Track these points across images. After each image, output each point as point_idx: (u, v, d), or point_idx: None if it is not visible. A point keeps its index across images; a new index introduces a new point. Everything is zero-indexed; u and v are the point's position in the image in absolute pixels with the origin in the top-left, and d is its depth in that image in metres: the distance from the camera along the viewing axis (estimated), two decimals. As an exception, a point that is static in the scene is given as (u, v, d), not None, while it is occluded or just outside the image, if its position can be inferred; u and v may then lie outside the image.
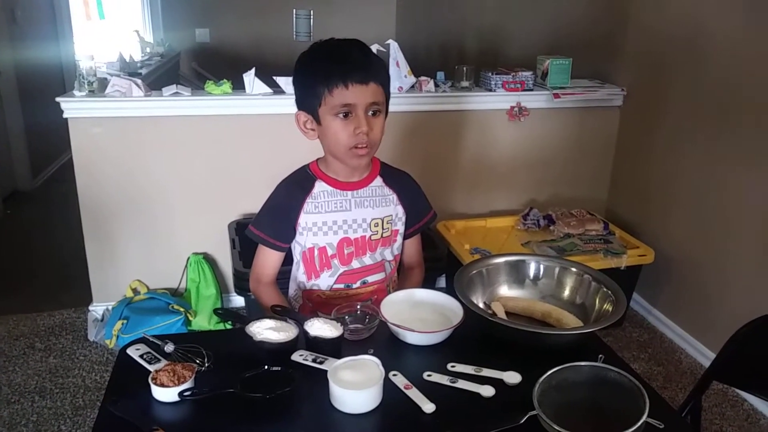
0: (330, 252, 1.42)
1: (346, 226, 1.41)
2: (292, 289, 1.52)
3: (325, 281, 1.45)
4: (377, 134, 1.32)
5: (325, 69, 1.29)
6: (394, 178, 1.47)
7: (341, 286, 1.45)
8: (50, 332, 2.60)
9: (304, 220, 1.40)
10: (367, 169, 1.43)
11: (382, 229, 1.44)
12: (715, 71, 2.37)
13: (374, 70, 1.31)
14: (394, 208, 1.45)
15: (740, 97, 2.27)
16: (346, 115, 1.29)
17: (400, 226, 1.47)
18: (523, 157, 2.91)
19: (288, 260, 1.49)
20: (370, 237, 1.43)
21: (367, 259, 1.44)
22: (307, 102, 1.33)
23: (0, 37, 3.91)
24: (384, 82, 1.33)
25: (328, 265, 1.43)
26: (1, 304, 2.79)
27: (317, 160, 1.45)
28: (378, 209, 1.43)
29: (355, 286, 1.45)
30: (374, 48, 1.47)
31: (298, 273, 1.47)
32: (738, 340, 1.33)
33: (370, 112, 1.31)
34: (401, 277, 1.57)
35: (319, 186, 1.40)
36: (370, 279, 1.46)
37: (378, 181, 1.44)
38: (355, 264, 1.44)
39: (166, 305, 2.53)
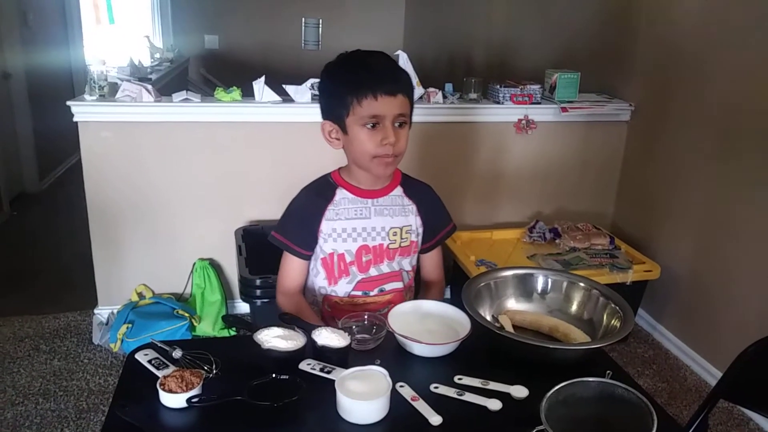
0: (348, 259, 1.43)
1: (365, 233, 1.42)
2: (308, 297, 1.53)
3: (342, 288, 1.46)
4: (402, 145, 1.34)
5: (355, 80, 1.30)
6: (414, 189, 1.48)
7: (358, 293, 1.46)
8: (55, 334, 2.60)
9: (326, 226, 1.41)
10: (388, 179, 1.44)
11: (401, 238, 1.45)
12: (723, 88, 2.38)
13: (402, 81, 1.33)
14: (414, 218, 1.46)
15: (747, 114, 2.27)
16: (373, 126, 1.31)
17: (417, 238, 1.48)
18: (529, 170, 2.91)
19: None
20: (388, 245, 1.44)
21: (385, 268, 1.46)
22: (335, 112, 1.35)
23: (12, 40, 3.95)
24: (410, 93, 1.35)
25: (346, 272, 1.44)
26: (7, 306, 2.80)
27: (339, 169, 1.46)
28: (397, 218, 1.44)
29: (372, 293, 1.46)
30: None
31: (317, 279, 1.48)
32: (746, 358, 1.33)
33: (397, 124, 1.32)
34: (421, 292, 1.57)
35: (341, 194, 1.42)
36: (387, 287, 1.47)
37: (398, 190, 1.46)
38: (373, 272, 1.45)
39: (171, 310, 2.53)
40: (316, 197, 1.43)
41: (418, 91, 2.67)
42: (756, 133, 2.24)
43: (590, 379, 1.03)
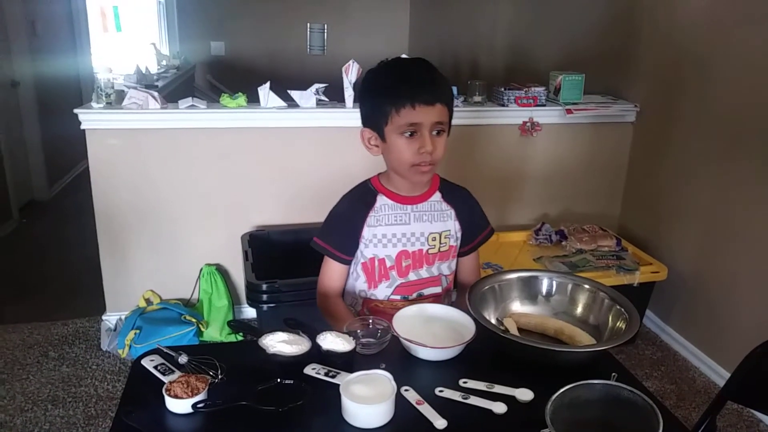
0: (389, 264, 1.44)
1: (404, 239, 1.44)
2: (347, 299, 1.54)
3: (382, 292, 1.47)
4: (440, 153, 1.35)
5: (393, 89, 1.32)
6: (452, 194, 1.49)
7: (398, 297, 1.47)
8: (63, 341, 2.62)
9: (367, 232, 1.43)
10: (427, 185, 1.46)
11: (440, 243, 1.46)
12: (729, 88, 2.37)
13: (440, 90, 1.34)
14: (452, 223, 1.47)
15: (753, 114, 2.26)
16: (411, 134, 1.32)
17: (456, 243, 1.49)
18: (535, 172, 2.91)
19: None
20: (427, 251, 1.45)
21: (424, 272, 1.46)
22: (373, 120, 1.36)
23: (20, 49, 3.99)
24: (449, 101, 1.36)
25: (386, 277, 1.45)
26: (16, 313, 2.82)
27: (378, 175, 1.48)
28: (436, 224, 1.45)
29: (411, 297, 1.47)
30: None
31: (357, 283, 1.49)
32: (753, 359, 1.32)
33: (434, 132, 1.33)
34: (457, 296, 1.57)
35: (381, 200, 1.44)
36: (426, 292, 1.48)
37: (437, 196, 1.47)
38: (412, 276, 1.46)
39: (179, 316, 2.54)
40: (357, 204, 1.45)
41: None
42: (762, 132, 2.23)
43: (595, 381, 1.03)
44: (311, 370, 1.13)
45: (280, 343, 1.16)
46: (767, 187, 2.22)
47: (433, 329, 1.27)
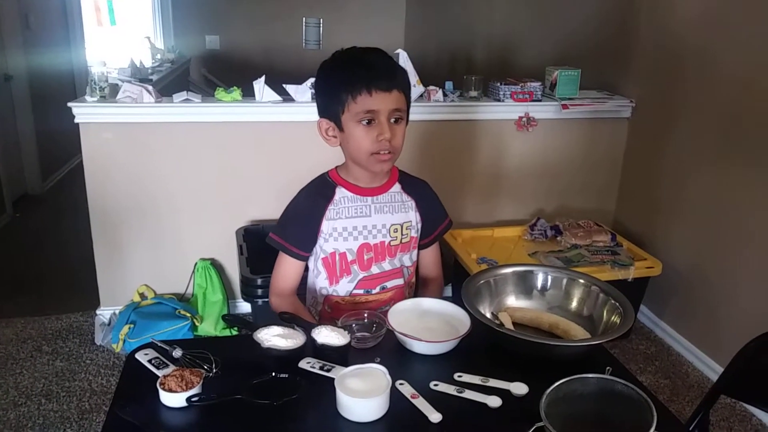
0: (350, 258, 1.43)
1: (366, 231, 1.42)
2: (308, 299, 1.53)
3: (344, 287, 1.45)
4: (399, 141, 1.34)
5: (349, 76, 1.30)
6: (412, 185, 1.48)
7: (360, 291, 1.46)
8: (57, 335, 2.61)
9: (326, 226, 1.41)
10: (386, 176, 1.44)
11: (401, 234, 1.45)
12: (726, 83, 2.37)
13: (397, 77, 1.33)
14: (413, 214, 1.47)
15: (750, 110, 2.27)
16: (369, 122, 1.31)
17: (417, 234, 1.48)
18: (530, 168, 2.91)
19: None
20: (389, 242, 1.44)
21: (386, 265, 1.45)
22: (330, 109, 1.34)
23: (14, 42, 3.96)
24: (406, 89, 1.35)
25: (347, 271, 1.43)
26: (10, 307, 2.81)
27: (336, 167, 1.46)
28: (397, 215, 1.44)
29: (374, 291, 1.46)
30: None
31: (318, 280, 1.47)
32: (746, 354, 1.32)
33: (393, 119, 1.32)
34: (419, 290, 1.56)
35: (340, 192, 1.42)
36: (389, 284, 1.47)
37: (396, 187, 1.46)
38: (375, 269, 1.45)
39: (173, 310, 2.54)
40: (316, 197, 1.42)
41: (419, 89, 2.67)
42: (757, 127, 2.23)
43: (590, 375, 1.03)
44: (306, 364, 1.14)
45: (275, 337, 1.16)
46: (762, 181, 2.23)
47: (427, 323, 1.27)
